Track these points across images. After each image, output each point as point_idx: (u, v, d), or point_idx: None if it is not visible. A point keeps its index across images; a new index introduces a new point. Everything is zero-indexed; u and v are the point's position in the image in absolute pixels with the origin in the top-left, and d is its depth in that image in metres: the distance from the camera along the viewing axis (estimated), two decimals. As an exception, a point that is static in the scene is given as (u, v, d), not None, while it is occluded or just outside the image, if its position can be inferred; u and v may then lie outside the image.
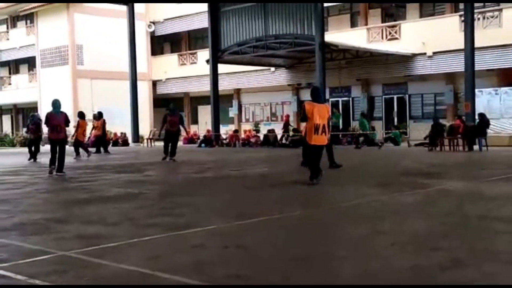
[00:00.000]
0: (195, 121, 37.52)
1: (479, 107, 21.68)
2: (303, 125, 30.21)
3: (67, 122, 13.37)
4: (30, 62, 40.61)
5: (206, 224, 6.29)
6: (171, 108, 18.78)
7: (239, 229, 6.16)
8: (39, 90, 37.00)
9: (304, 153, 9.96)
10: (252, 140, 28.10)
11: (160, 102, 38.81)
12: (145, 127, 33.75)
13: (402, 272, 4.19)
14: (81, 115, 21.27)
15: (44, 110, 33.31)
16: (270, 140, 27.10)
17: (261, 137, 28.17)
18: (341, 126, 27.83)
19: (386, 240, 5.38)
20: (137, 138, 31.83)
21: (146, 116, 36.06)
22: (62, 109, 13.55)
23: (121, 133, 32.31)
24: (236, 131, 30.40)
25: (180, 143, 24.32)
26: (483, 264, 4.40)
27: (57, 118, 13.16)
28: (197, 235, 5.79)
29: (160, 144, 31.50)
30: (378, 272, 4.24)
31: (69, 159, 17.62)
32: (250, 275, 4.19)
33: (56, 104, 13.32)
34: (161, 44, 40.19)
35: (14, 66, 43.76)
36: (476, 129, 19.64)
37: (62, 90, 33.83)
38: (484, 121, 19.60)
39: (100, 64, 34.60)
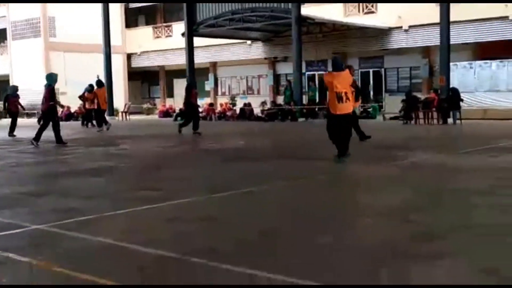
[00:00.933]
0: (170, 94, 37.22)
1: (454, 81, 21.87)
2: (281, 98, 30.09)
3: (52, 96, 13.50)
4: (1, 34, 39.65)
5: (183, 197, 6.27)
6: (193, 81, 17.76)
7: (216, 202, 6.16)
8: (10, 63, 36.22)
9: (329, 128, 9.23)
10: (228, 113, 28.02)
11: (135, 75, 38.35)
12: (120, 101, 33.35)
13: (374, 245, 4.23)
14: (99, 83, 20.25)
15: (16, 83, 32.69)
16: (246, 113, 27.05)
17: (238, 111, 28.10)
18: (317, 100, 27.88)
19: (359, 212, 5.43)
20: (111, 111, 31.49)
21: (121, 90, 35.60)
22: (44, 82, 13.78)
23: (96, 106, 31.94)
24: (211, 104, 30.22)
25: (155, 117, 24.14)
26: (456, 237, 4.46)
27: (43, 90, 13.70)
28: (173, 208, 5.77)
29: (136, 118, 31.27)
30: (350, 244, 4.28)
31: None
32: (225, 247, 4.20)
33: (47, 77, 13.93)
34: (135, 16, 39.52)
35: (-16, 38, 42.73)
36: (449, 102, 19.83)
37: (34, 62, 33.18)
38: (455, 95, 19.80)
39: (73, 37, 33.91)
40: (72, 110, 30.14)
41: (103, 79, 30.54)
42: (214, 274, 3.59)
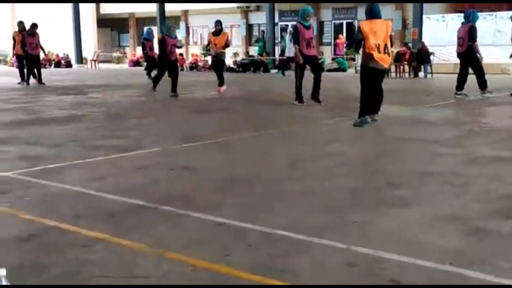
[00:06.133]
0: (140, 43, 36.54)
1: (426, 34, 21.88)
2: (253, 49, 29.67)
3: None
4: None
5: (153, 146, 6.26)
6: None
7: (186, 151, 6.16)
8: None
9: (364, 83, 7.84)
10: (200, 63, 27.70)
11: (104, 22, 37.44)
12: (89, 48, 32.65)
13: (340, 191, 4.31)
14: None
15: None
16: (218, 64, 26.74)
17: (209, 61, 27.75)
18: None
19: (328, 162, 5.49)
20: (80, 59, 30.87)
21: (90, 37, 34.79)
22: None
23: (64, 54, 31.26)
24: (180, 54, 29.73)
25: (126, 66, 23.76)
26: (420, 185, 4.56)
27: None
28: (143, 157, 5.76)
29: (105, 66, 30.70)
30: (317, 190, 4.35)
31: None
32: (193, 195, 4.22)
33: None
34: (105, -40, 38.29)
35: None
36: (419, 56, 19.96)
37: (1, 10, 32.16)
38: (423, 49, 19.96)
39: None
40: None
41: (71, 26, 29.82)
42: (184, 222, 3.62)
